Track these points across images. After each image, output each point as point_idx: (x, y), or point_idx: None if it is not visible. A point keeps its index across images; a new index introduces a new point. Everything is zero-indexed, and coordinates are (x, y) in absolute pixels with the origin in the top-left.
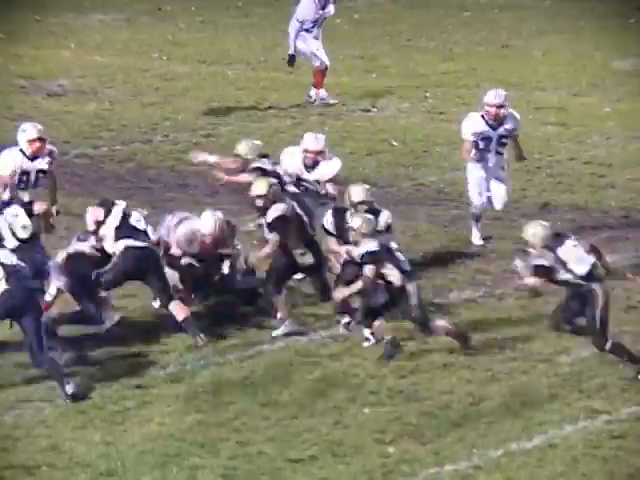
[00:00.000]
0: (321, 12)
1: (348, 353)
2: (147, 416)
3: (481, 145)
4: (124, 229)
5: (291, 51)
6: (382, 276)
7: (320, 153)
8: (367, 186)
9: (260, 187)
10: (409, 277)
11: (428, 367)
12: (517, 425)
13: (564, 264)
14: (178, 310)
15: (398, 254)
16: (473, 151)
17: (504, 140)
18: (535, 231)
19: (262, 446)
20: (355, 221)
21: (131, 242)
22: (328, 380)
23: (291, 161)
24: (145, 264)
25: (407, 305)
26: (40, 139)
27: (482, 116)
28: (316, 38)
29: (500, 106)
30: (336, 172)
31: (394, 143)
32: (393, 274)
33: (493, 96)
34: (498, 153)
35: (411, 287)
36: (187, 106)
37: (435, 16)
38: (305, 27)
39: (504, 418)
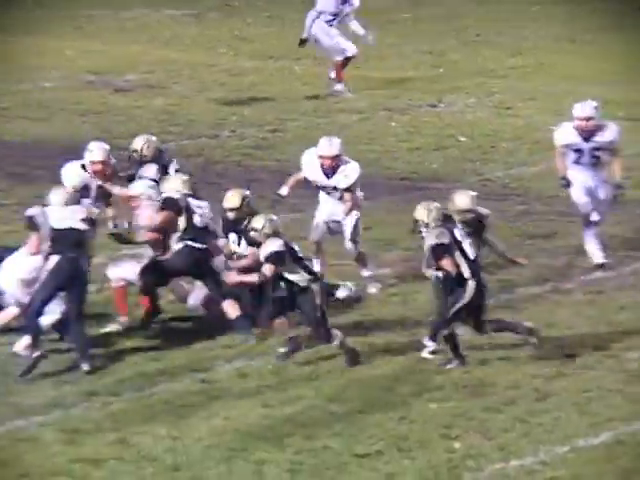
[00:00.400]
0: (341, 7)
1: (414, 348)
2: (213, 410)
3: (573, 157)
4: (189, 230)
5: (304, 35)
6: (282, 276)
7: (336, 158)
8: (474, 193)
9: (233, 200)
10: (314, 279)
11: (493, 362)
12: (584, 421)
13: (459, 244)
14: (230, 309)
15: (301, 254)
16: (571, 156)
17: (597, 153)
18: (428, 211)
19: (328, 441)
20: (257, 221)
21: (191, 242)
22: (394, 375)
23: (309, 165)
24: (199, 263)
25: (310, 307)
26: (103, 162)
27: (575, 127)
28: (338, 31)
29: (588, 119)
30: (353, 180)
31: (461, 138)
32: (296, 274)
33: (580, 109)
34: (592, 165)
35: (316, 286)
36: (254, 101)
37: (503, 11)
38: (324, 19)
39: (570, 414)
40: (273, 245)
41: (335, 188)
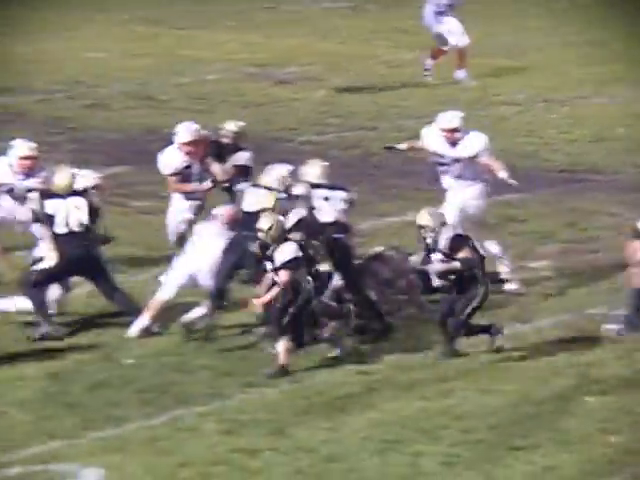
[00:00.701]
0: None
1: (570, 341)
2: (369, 402)
3: None
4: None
5: (433, 32)
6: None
7: (455, 131)
8: None
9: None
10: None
11: None
12: None
13: (471, 241)
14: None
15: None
16: None
17: None
18: (431, 216)
19: (484, 433)
20: (264, 222)
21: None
22: (551, 368)
23: (431, 139)
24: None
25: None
26: (191, 143)
27: None
28: (455, 19)
29: None
30: (478, 149)
31: (620, 130)
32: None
33: None
34: None
35: (309, 286)
36: (413, 93)
37: None
38: (439, 10)
39: None
40: (290, 250)
41: (458, 160)
